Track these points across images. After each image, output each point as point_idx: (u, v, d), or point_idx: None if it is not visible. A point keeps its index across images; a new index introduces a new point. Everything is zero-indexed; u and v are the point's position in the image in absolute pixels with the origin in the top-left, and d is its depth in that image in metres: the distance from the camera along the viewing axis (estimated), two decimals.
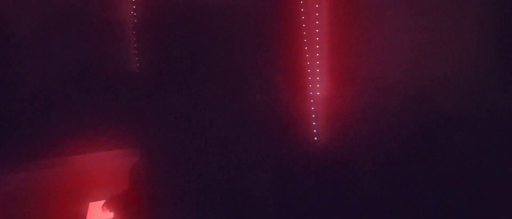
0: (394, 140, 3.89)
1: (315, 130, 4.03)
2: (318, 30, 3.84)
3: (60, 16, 3.59)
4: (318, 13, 3.80)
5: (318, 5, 3.75)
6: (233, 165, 3.83)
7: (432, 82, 3.72)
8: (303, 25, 3.85)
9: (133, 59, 3.77)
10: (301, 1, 3.80)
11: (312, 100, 3.98)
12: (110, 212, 3.55)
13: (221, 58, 3.88)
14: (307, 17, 3.84)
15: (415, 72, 3.79)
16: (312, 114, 4.02)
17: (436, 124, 3.53)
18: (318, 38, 3.86)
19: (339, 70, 3.84)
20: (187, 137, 3.85)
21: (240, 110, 3.92)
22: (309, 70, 3.93)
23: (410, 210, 3.83)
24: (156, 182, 3.61)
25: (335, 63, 3.86)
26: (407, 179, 3.89)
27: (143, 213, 3.55)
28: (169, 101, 3.82)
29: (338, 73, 3.84)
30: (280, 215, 3.76)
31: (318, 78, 3.93)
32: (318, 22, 3.84)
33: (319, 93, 3.93)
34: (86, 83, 3.68)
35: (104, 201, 3.57)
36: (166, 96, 3.82)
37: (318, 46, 3.88)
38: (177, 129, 3.84)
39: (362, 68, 3.81)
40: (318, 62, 3.90)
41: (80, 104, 3.67)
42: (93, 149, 3.70)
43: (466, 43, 3.78)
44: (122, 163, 3.70)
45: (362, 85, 3.83)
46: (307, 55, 3.92)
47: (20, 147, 3.55)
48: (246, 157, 3.85)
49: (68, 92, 3.66)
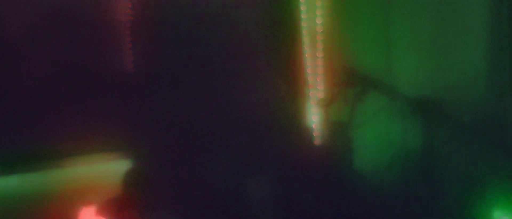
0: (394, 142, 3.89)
1: (315, 134, 4.00)
2: (318, 31, 3.81)
3: (55, 17, 3.53)
4: (318, 13, 3.77)
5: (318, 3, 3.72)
6: (230, 168, 3.78)
7: (440, 87, 3.72)
8: (303, 25, 3.82)
9: (128, 59, 3.70)
10: (301, 1, 3.77)
11: (312, 103, 3.94)
12: (103, 217, 3.45)
13: (219, 59, 3.84)
14: (307, 17, 3.81)
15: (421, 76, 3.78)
16: (311, 117, 3.98)
17: (441, 128, 3.47)
18: (318, 39, 3.82)
19: (339, 72, 3.82)
20: (183, 140, 3.79)
21: (239, 113, 3.87)
22: (308, 72, 3.90)
23: (410, 212, 3.81)
24: (151, 186, 3.52)
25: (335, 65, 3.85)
26: (407, 181, 3.87)
27: (137, 218, 3.46)
28: (165, 103, 3.76)
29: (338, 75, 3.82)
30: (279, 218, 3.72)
31: (318, 80, 3.90)
32: (318, 23, 3.81)
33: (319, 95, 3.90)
34: (79, 84, 3.60)
35: (97, 206, 3.47)
36: (162, 97, 3.76)
37: (318, 47, 3.84)
38: (173, 132, 3.77)
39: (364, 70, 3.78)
40: (318, 64, 3.86)
41: (73, 105, 3.58)
42: (86, 152, 3.60)
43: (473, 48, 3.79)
44: (116, 166, 3.61)
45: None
46: (307, 57, 3.89)
47: (12, 149, 3.47)
48: (244, 161, 3.80)
49: (60, 93, 3.58)
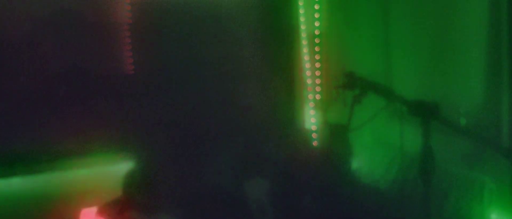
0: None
1: (313, 136, 4.01)
2: (316, 34, 3.83)
3: (55, 19, 3.52)
4: (317, 16, 3.79)
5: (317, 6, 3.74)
6: (230, 170, 3.76)
7: (438, 90, 3.72)
8: (302, 28, 3.84)
9: (128, 61, 3.70)
10: (299, 4, 3.79)
11: (311, 105, 3.96)
12: None
13: (218, 62, 3.84)
14: (305, 20, 3.83)
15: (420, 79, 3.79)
16: (310, 119, 3.99)
17: (439, 131, 3.48)
18: (316, 42, 3.84)
19: (338, 74, 3.81)
20: (183, 142, 3.78)
21: (238, 115, 3.87)
22: (307, 74, 3.92)
23: (408, 214, 3.80)
24: (152, 188, 3.51)
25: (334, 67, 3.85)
26: (405, 183, 3.86)
27: None
28: (164, 105, 3.76)
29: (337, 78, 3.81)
30: None
31: (317, 82, 3.91)
32: (316, 26, 3.83)
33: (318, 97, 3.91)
34: (80, 86, 3.59)
35: (98, 208, 3.45)
36: (162, 100, 3.76)
37: (316, 50, 3.86)
38: (173, 134, 3.76)
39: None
40: (317, 66, 3.88)
41: (73, 108, 3.57)
42: (87, 154, 3.58)
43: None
44: (116, 168, 3.59)
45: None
46: (305, 60, 3.91)
47: (13, 151, 3.45)
48: (243, 163, 3.78)
49: (61, 95, 3.56)
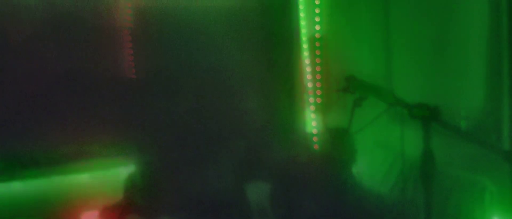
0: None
1: (314, 139, 4.01)
2: (317, 37, 3.84)
3: (57, 23, 3.52)
4: (317, 20, 3.81)
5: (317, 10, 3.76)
6: (230, 174, 3.76)
7: (439, 93, 3.72)
8: (302, 32, 3.86)
9: (129, 65, 3.71)
10: (300, 8, 3.82)
11: (311, 109, 3.97)
12: None
13: (218, 66, 3.86)
14: (305, 24, 3.85)
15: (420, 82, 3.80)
16: (311, 123, 4.00)
17: (439, 134, 3.47)
18: (317, 45, 3.86)
19: (338, 78, 3.83)
20: (184, 146, 3.79)
21: (238, 119, 3.88)
22: (308, 78, 3.93)
23: (409, 217, 3.79)
24: (152, 191, 3.51)
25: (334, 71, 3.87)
26: (406, 186, 3.86)
27: None
28: (165, 109, 3.76)
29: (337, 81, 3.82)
30: None
31: (317, 86, 3.92)
32: (317, 29, 3.85)
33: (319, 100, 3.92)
34: (81, 89, 3.59)
35: (99, 211, 3.45)
36: (163, 104, 3.76)
37: (317, 53, 3.87)
38: (174, 138, 3.77)
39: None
40: (317, 70, 3.89)
41: (75, 112, 3.56)
42: (88, 158, 3.58)
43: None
44: (117, 171, 3.59)
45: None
46: (306, 63, 3.92)
47: (14, 155, 3.44)
48: (244, 167, 3.79)
49: (62, 99, 3.56)
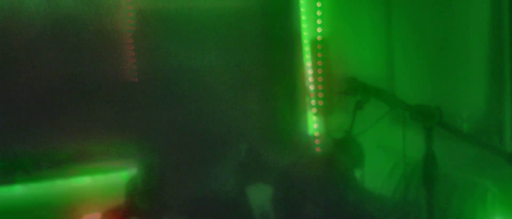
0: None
1: (316, 142, 4.01)
2: (318, 40, 3.86)
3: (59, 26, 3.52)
4: (319, 22, 3.83)
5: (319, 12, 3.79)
6: (232, 177, 3.74)
7: (440, 95, 3.73)
8: (304, 34, 3.88)
9: (131, 69, 3.70)
10: (301, 10, 3.84)
11: (313, 111, 3.97)
12: None
13: (220, 69, 3.86)
14: (307, 26, 3.87)
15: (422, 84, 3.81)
16: (312, 125, 4.00)
17: (441, 136, 3.47)
18: (318, 48, 3.87)
19: (340, 80, 3.84)
20: (186, 149, 3.77)
21: (240, 122, 3.88)
22: (309, 80, 3.94)
23: None
24: (154, 194, 3.47)
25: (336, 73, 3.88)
26: (408, 189, 3.85)
27: None
28: (167, 112, 3.75)
29: (339, 84, 3.83)
30: None
31: (319, 88, 3.93)
32: (318, 32, 3.87)
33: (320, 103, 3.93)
34: (83, 94, 3.57)
35: (100, 215, 3.40)
36: (165, 107, 3.74)
37: (318, 56, 3.89)
38: (175, 141, 3.75)
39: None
40: (319, 72, 3.90)
41: (76, 115, 3.54)
42: (89, 161, 3.54)
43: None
44: (118, 174, 3.56)
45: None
46: (307, 65, 3.93)
47: (15, 158, 3.40)
48: (246, 169, 3.77)
49: (63, 103, 3.54)
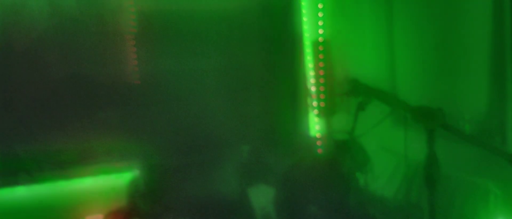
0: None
1: (318, 143, 4.00)
2: (320, 41, 3.84)
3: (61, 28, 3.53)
4: (320, 24, 3.82)
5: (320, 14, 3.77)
6: (235, 178, 3.74)
7: (442, 97, 3.70)
8: (305, 36, 3.87)
9: (133, 70, 3.70)
10: (303, 12, 3.83)
11: (315, 112, 3.95)
12: None
13: (222, 70, 3.86)
14: (308, 28, 3.86)
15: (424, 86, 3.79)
16: (315, 126, 3.98)
17: (443, 137, 3.45)
18: (320, 49, 3.86)
19: (341, 81, 3.82)
20: (188, 151, 3.77)
21: (242, 123, 3.88)
22: (311, 82, 3.92)
23: None
24: (156, 196, 3.49)
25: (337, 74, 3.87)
26: (410, 190, 3.83)
27: None
28: (169, 113, 3.75)
29: (341, 85, 3.82)
30: None
31: (321, 90, 3.92)
32: (320, 33, 3.85)
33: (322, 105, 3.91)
34: (85, 95, 3.58)
35: (102, 217, 3.42)
36: (167, 108, 3.75)
37: (320, 57, 3.87)
38: (178, 142, 3.76)
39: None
40: (321, 74, 3.89)
41: (78, 116, 3.55)
42: (92, 162, 3.56)
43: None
44: (120, 176, 3.57)
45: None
46: (309, 67, 3.92)
47: (17, 159, 3.42)
48: (248, 170, 3.77)
49: (65, 104, 3.55)
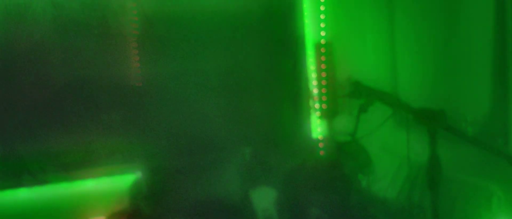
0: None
1: (320, 145, 4.00)
2: (322, 43, 3.85)
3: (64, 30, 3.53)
4: (322, 26, 3.82)
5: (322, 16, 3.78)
6: (237, 180, 3.74)
7: (445, 98, 3.71)
8: (307, 38, 3.87)
9: (134, 72, 3.70)
10: (305, 14, 3.83)
11: (318, 114, 3.96)
12: None
13: (224, 72, 3.86)
14: (310, 30, 3.86)
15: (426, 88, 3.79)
16: (317, 128, 3.99)
17: (446, 139, 3.45)
18: (322, 51, 3.86)
19: (344, 83, 3.82)
20: (190, 153, 3.77)
21: (244, 125, 3.87)
22: (313, 84, 3.93)
23: None
24: (158, 198, 3.48)
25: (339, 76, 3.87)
26: (412, 192, 3.83)
27: None
28: (172, 116, 3.75)
29: (343, 87, 3.82)
30: None
31: (323, 92, 3.92)
32: (322, 35, 3.86)
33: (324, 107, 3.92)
34: (88, 98, 3.58)
35: (104, 218, 3.42)
36: (169, 111, 3.75)
37: (322, 59, 3.88)
38: (180, 145, 3.75)
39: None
40: (323, 76, 3.89)
41: (81, 119, 3.55)
42: (94, 164, 3.55)
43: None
44: (123, 178, 3.57)
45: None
46: (311, 69, 3.93)
47: (19, 162, 3.42)
48: (250, 172, 3.77)
49: (67, 106, 3.55)
